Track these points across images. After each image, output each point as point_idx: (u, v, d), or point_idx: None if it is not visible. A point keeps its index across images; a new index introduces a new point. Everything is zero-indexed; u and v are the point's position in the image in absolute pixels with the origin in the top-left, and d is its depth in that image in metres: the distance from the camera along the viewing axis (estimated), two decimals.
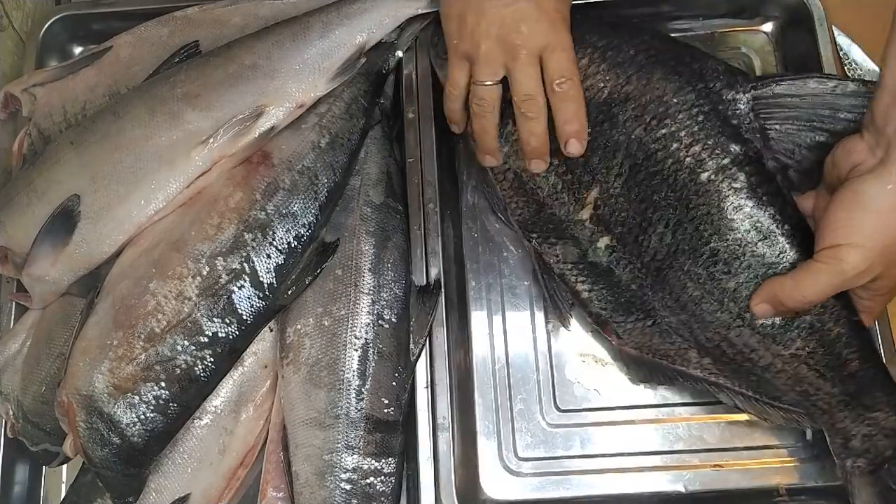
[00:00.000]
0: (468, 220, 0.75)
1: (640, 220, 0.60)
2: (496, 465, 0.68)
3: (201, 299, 0.60)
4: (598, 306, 0.66)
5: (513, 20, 0.57)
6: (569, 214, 0.64)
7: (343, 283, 0.65)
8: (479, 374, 0.71)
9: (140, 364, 0.59)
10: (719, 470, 0.67)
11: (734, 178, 0.57)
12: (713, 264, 0.58)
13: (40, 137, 0.72)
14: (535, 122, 0.59)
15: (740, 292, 0.58)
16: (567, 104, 0.58)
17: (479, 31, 0.58)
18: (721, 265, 0.58)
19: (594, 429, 0.69)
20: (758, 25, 0.79)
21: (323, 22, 0.69)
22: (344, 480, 0.61)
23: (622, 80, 0.60)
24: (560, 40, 0.58)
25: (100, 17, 0.80)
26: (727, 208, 0.57)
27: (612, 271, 0.64)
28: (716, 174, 0.57)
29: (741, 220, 0.57)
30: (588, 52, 0.61)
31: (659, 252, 0.60)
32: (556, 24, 0.58)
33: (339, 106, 0.69)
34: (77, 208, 0.63)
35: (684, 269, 0.59)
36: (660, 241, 0.60)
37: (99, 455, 0.59)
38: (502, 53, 0.58)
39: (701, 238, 0.58)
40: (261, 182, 0.64)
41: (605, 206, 0.62)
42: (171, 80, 0.66)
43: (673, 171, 0.58)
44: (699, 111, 0.58)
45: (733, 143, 0.57)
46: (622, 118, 0.59)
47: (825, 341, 0.57)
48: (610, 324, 0.66)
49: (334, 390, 0.62)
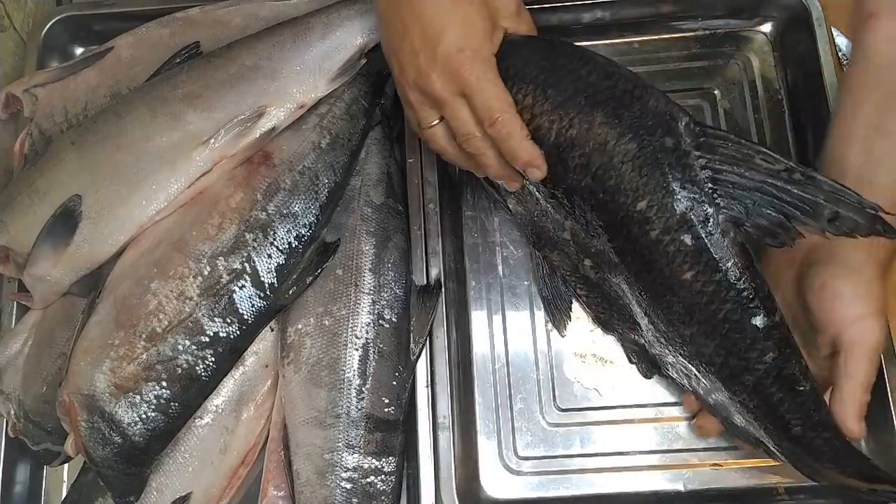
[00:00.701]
0: (468, 220, 0.75)
1: (608, 259, 0.60)
2: (496, 464, 0.69)
3: (202, 299, 0.60)
4: (597, 311, 0.68)
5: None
6: (556, 231, 0.64)
7: (344, 283, 0.65)
8: (480, 373, 0.71)
9: (141, 364, 0.59)
10: (718, 469, 0.67)
11: (680, 241, 0.53)
12: (670, 313, 0.57)
13: (42, 138, 0.72)
14: (484, 156, 0.57)
15: (696, 339, 0.57)
16: (504, 143, 0.55)
17: (403, 80, 0.57)
18: (677, 315, 0.57)
19: (594, 428, 0.69)
20: (756, 26, 0.79)
21: (324, 23, 0.69)
22: (344, 479, 0.61)
23: (566, 124, 0.56)
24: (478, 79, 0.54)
25: (101, 17, 0.80)
26: (675, 268, 0.54)
27: (600, 286, 0.65)
28: (663, 234, 0.54)
29: (690, 283, 0.54)
30: (530, 88, 0.57)
31: (629, 292, 0.61)
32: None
33: (339, 106, 0.69)
34: (78, 208, 0.63)
35: (646, 312, 0.60)
36: (628, 284, 0.60)
37: (100, 454, 0.59)
38: (429, 101, 0.56)
39: (657, 290, 0.57)
40: (262, 182, 0.64)
41: (578, 238, 0.62)
42: (173, 80, 0.67)
43: (625, 223, 0.55)
44: (643, 163, 0.54)
45: (678, 200, 0.53)
46: (571, 164, 0.56)
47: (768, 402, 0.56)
48: (612, 323, 0.67)
49: (335, 390, 0.62)
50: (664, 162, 0.53)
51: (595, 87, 0.56)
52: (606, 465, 0.68)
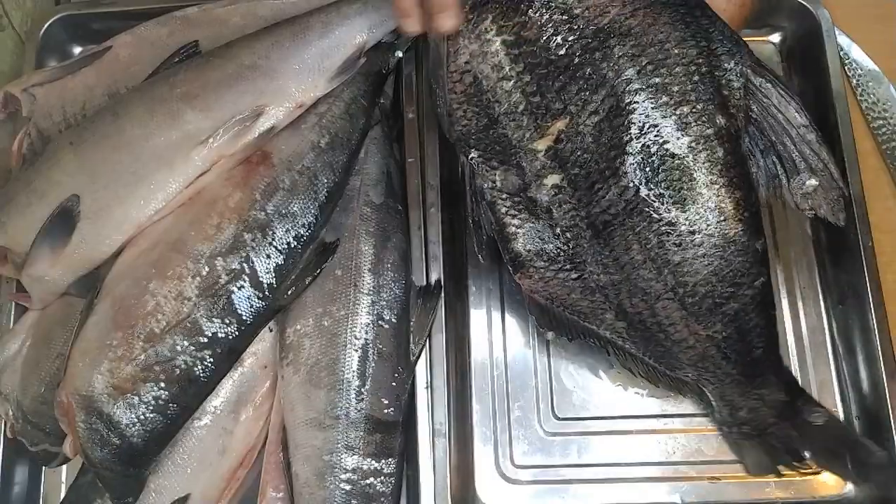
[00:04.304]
0: (470, 222, 0.75)
1: (605, 167, 0.56)
2: (493, 473, 0.68)
3: (201, 300, 0.60)
4: (522, 245, 0.62)
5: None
6: (522, 140, 0.58)
7: (343, 284, 0.64)
8: (477, 380, 0.70)
9: (139, 364, 0.58)
10: (716, 482, 0.67)
11: (713, 151, 0.55)
12: (667, 234, 0.56)
13: (40, 137, 0.72)
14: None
15: (683, 267, 0.57)
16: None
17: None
18: (674, 237, 0.56)
19: (592, 437, 0.69)
20: (765, 36, 0.79)
21: (323, 22, 0.69)
22: (344, 481, 0.61)
23: (627, 11, 0.55)
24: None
25: (99, 17, 0.80)
26: (699, 180, 0.55)
27: (550, 212, 0.60)
28: (697, 142, 0.55)
29: (709, 196, 0.55)
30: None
31: (614, 206, 0.57)
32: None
33: (338, 106, 0.69)
34: (76, 208, 0.63)
35: (635, 230, 0.57)
36: (619, 194, 0.56)
37: (98, 455, 0.59)
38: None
39: (664, 203, 0.56)
40: (260, 182, 0.64)
41: (569, 142, 0.57)
42: (171, 80, 0.66)
43: (657, 124, 0.55)
44: (697, 70, 0.55)
45: (720, 114, 0.55)
46: (617, 52, 0.55)
47: (742, 329, 0.59)
48: (527, 267, 0.62)
49: (334, 391, 0.62)
50: (719, 78, 0.55)
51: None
52: (604, 476, 0.67)
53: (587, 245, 0.59)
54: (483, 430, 0.69)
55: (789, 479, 0.66)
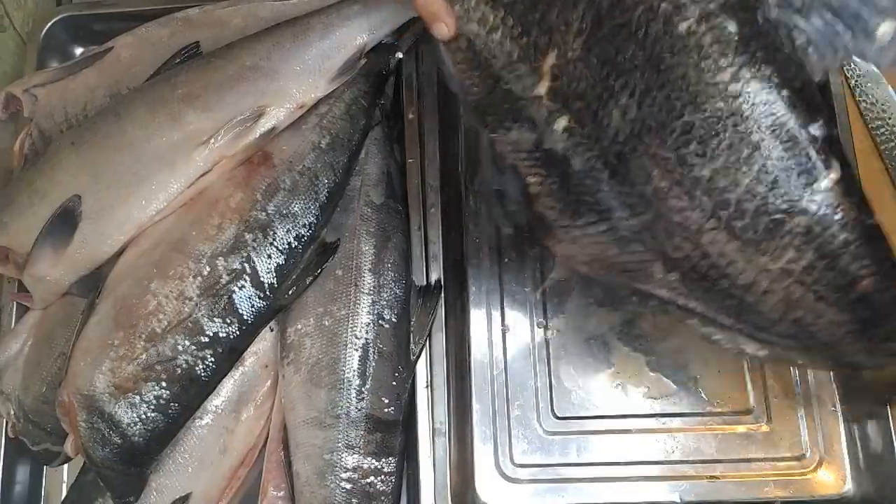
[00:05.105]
0: (470, 223, 0.75)
1: (601, 89, 0.47)
2: (492, 471, 0.68)
3: (202, 299, 0.60)
4: (547, 203, 0.54)
5: None
6: (525, 90, 0.52)
7: (343, 284, 0.65)
8: (477, 379, 0.71)
9: (141, 364, 0.59)
10: (715, 481, 0.67)
11: (721, 28, 0.44)
12: (685, 144, 0.45)
13: (41, 138, 0.72)
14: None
15: (716, 182, 0.45)
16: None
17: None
18: (694, 145, 0.45)
19: (591, 437, 0.69)
20: None
21: (323, 23, 0.69)
22: (344, 480, 0.61)
23: None
24: None
25: (101, 17, 0.80)
26: (708, 69, 0.44)
27: (567, 160, 0.52)
28: (698, 23, 0.44)
29: (725, 83, 0.44)
30: None
31: (621, 131, 0.48)
32: None
33: (339, 107, 0.69)
34: (78, 209, 0.63)
35: (650, 152, 0.47)
36: (622, 116, 0.47)
37: (100, 455, 0.59)
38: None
39: (672, 110, 0.45)
40: (261, 182, 0.64)
41: (563, 74, 0.49)
42: (172, 81, 0.67)
43: (644, 20, 0.45)
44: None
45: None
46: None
47: (825, 251, 0.45)
48: (555, 229, 0.55)
49: (335, 390, 0.62)
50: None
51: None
52: (603, 475, 0.68)
53: (608, 187, 0.50)
54: (483, 429, 0.69)
55: (788, 478, 0.66)
